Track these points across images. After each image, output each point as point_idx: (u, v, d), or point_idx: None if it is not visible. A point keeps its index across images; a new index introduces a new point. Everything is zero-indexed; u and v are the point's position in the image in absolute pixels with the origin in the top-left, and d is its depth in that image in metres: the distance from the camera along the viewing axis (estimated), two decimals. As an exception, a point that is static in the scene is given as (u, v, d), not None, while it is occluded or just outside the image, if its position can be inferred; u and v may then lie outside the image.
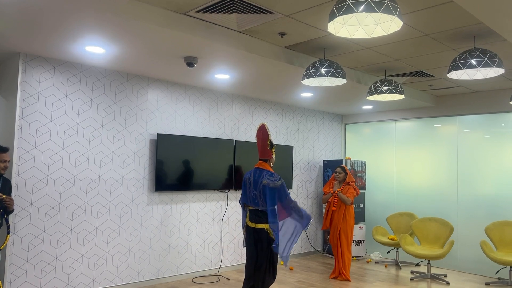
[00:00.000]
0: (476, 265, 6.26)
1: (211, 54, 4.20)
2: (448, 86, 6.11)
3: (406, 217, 6.80)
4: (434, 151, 6.95)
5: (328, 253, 7.39)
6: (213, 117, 6.02)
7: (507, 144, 6.18)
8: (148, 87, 5.31)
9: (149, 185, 5.27)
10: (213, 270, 5.88)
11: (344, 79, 4.25)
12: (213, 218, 5.96)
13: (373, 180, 7.68)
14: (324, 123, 7.83)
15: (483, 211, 6.30)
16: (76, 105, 4.68)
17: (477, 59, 3.72)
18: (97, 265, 4.79)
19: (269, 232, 4.53)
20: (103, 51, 4.18)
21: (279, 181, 4.53)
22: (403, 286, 5.51)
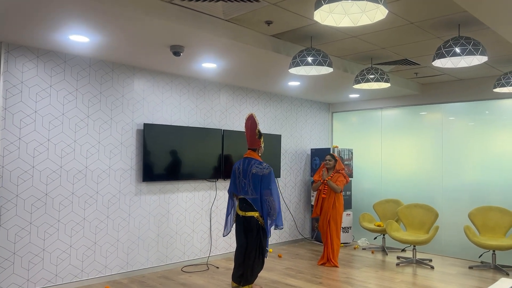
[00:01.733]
0: (460, 249, 6.41)
1: (198, 42, 4.17)
2: (433, 74, 6.17)
3: (392, 204, 6.91)
4: (420, 138, 7.05)
5: (316, 240, 7.48)
6: (201, 106, 6.00)
7: (491, 131, 6.30)
8: (134, 76, 5.26)
9: (137, 176, 5.25)
10: (203, 259, 5.92)
11: (331, 68, 4.26)
12: (202, 207, 5.98)
13: (360, 168, 7.76)
14: (311, 111, 7.86)
15: (467, 197, 6.43)
16: (61, 95, 4.62)
17: (461, 47, 3.76)
18: (85, 255, 4.78)
19: (259, 219, 4.57)
20: (87, 40, 4.12)
21: (267, 169, 4.58)
22: (390, 271, 5.62)
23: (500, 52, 4.93)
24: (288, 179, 7.35)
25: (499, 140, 6.20)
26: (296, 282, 4.98)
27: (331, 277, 5.24)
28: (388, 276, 5.34)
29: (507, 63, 5.44)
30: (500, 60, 5.29)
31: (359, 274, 5.41)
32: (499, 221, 5.80)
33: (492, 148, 6.26)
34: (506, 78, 5.08)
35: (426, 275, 5.43)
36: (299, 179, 7.58)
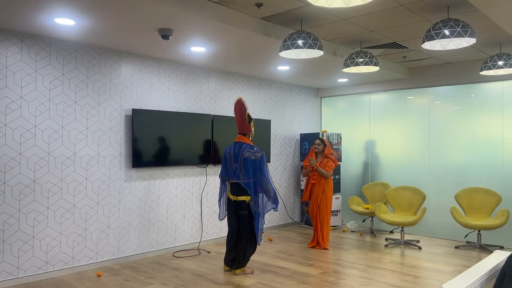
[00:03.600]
0: (446, 230, 6.56)
1: (187, 25, 4.11)
2: (422, 57, 6.21)
3: (380, 187, 7.00)
4: (407, 122, 7.12)
5: (305, 224, 7.56)
6: (190, 91, 5.94)
7: (476, 115, 6.40)
8: (121, 61, 5.17)
9: (126, 162, 5.21)
10: (194, 244, 5.94)
11: (321, 51, 4.25)
12: (192, 193, 5.97)
13: (349, 152, 7.83)
14: (300, 96, 7.86)
15: (453, 179, 6.55)
16: (47, 80, 4.52)
17: (450, 29, 3.79)
18: (76, 242, 4.75)
19: (250, 204, 4.60)
20: (73, 23, 4.02)
21: (259, 153, 4.59)
22: (378, 252, 5.72)
23: (487, 35, 4.98)
24: (278, 164, 7.37)
25: (484, 123, 6.31)
26: (288, 265, 5.04)
27: (322, 259, 5.32)
28: (377, 257, 5.44)
29: (493, 46, 5.51)
30: (487, 43, 5.35)
31: (348, 256, 5.50)
32: (484, 202, 5.94)
33: (477, 131, 6.37)
34: (493, 61, 5.14)
35: (414, 255, 5.55)
36: (288, 163, 7.61)
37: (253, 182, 4.57)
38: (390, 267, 4.98)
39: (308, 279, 4.51)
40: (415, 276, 4.66)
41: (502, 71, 5.21)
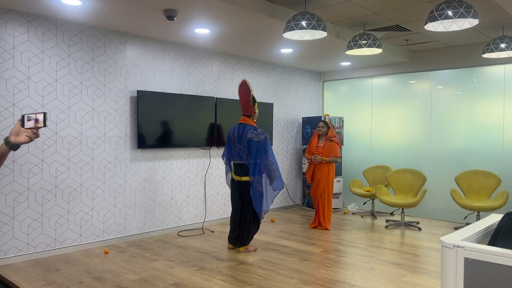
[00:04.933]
0: (446, 212, 6.66)
1: (191, 6, 4.15)
2: (424, 41, 6.24)
3: (381, 170, 7.09)
4: (409, 107, 7.17)
5: (307, 206, 7.67)
6: (193, 74, 5.99)
7: (477, 99, 6.44)
8: (126, 42, 5.21)
9: (132, 142, 5.29)
10: (198, 224, 6.05)
11: (325, 32, 4.29)
12: (196, 174, 6.07)
13: (350, 135, 7.90)
14: (302, 80, 7.90)
15: (454, 162, 6.63)
16: (54, 61, 4.58)
17: (453, 10, 3.82)
18: (83, 221, 4.86)
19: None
20: (80, 3, 4.06)
21: (263, 134, 4.66)
22: (379, 233, 5.83)
23: (490, 17, 5.00)
24: (280, 147, 7.45)
25: (485, 107, 6.36)
26: (290, 244, 5.16)
27: (323, 239, 5.43)
28: (378, 237, 5.55)
29: (496, 29, 5.53)
30: (489, 25, 5.37)
31: (349, 236, 5.61)
32: (484, 184, 6.02)
33: (479, 115, 6.43)
34: (495, 44, 5.17)
35: (413, 236, 5.66)
36: (290, 147, 7.69)
37: (257, 163, 4.65)
38: (390, 246, 5.09)
39: (309, 256, 4.62)
40: (415, 254, 4.77)
41: (504, 53, 5.24)
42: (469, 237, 1.52)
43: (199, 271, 4.11)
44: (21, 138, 1.74)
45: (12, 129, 1.77)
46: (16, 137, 1.74)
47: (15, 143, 1.75)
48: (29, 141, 1.75)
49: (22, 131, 1.74)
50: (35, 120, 1.73)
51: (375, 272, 4.12)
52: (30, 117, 1.73)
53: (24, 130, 1.74)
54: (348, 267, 4.29)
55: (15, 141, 1.75)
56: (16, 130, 1.75)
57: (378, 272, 4.14)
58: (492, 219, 1.89)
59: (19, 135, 1.74)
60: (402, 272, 4.14)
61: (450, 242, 1.51)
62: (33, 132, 1.73)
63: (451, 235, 1.60)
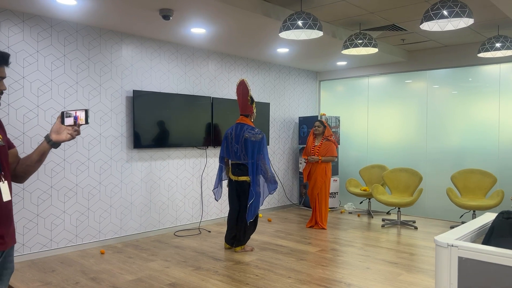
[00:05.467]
0: (442, 211, 6.68)
1: (187, 5, 4.14)
2: (420, 40, 6.25)
3: (377, 169, 7.10)
4: (405, 106, 7.19)
5: (304, 205, 7.67)
6: (189, 73, 5.98)
7: (473, 99, 6.47)
8: (122, 42, 5.20)
9: (128, 142, 5.28)
10: (195, 224, 6.05)
11: (321, 32, 4.29)
12: (193, 174, 6.06)
13: (347, 135, 7.91)
14: (299, 80, 7.91)
15: (450, 161, 6.65)
16: (49, 61, 4.56)
17: (449, 9, 3.83)
18: (79, 221, 4.84)
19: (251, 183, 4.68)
20: (75, 3, 4.04)
21: (259, 134, 4.65)
22: (375, 232, 5.85)
23: (485, 16, 5.02)
24: (276, 147, 7.46)
25: (481, 106, 6.38)
26: (287, 243, 5.16)
27: (320, 238, 5.44)
28: (374, 236, 5.56)
29: (491, 28, 5.55)
30: (485, 25, 5.39)
31: (346, 235, 5.62)
32: (480, 183, 6.05)
33: (474, 114, 6.45)
34: (490, 43, 5.19)
35: (410, 235, 5.67)
36: (287, 146, 7.69)
37: (253, 163, 4.65)
38: (386, 245, 5.10)
39: (306, 256, 4.63)
40: (411, 253, 4.78)
41: (499, 53, 5.26)
42: (463, 236, 1.52)
43: (195, 271, 4.10)
44: (62, 136, 1.74)
45: (52, 127, 1.76)
46: (57, 135, 1.74)
47: (57, 141, 1.75)
48: (71, 139, 1.76)
49: (63, 129, 1.74)
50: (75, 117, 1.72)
51: (371, 271, 4.13)
52: (70, 114, 1.72)
53: (65, 128, 1.74)
54: (344, 266, 4.29)
55: (56, 139, 1.74)
56: (56, 127, 1.75)
57: (374, 271, 4.14)
58: (486, 218, 1.90)
59: (60, 133, 1.74)
60: (398, 271, 4.15)
61: (444, 241, 1.52)
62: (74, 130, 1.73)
63: (445, 234, 1.61)
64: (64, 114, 1.73)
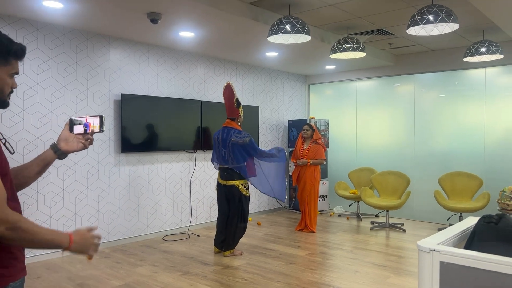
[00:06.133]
0: (430, 214, 6.74)
1: (175, 9, 4.13)
2: (407, 44, 6.32)
3: (366, 172, 7.15)
4: (393, 109, 7.25)
5: (293, 209, 7.69)
6: (178, 77, 5.97)
7: (459, 102, 6.55)
8: (109, 45, 5.16)
9: (115, 146, 5.24)
10: (183, 228, 6.01)
11: (309, 36, 4.31)
12: (182, 178, 6.03)
13: (336, 138, 7.95)
14: (288, 83, 7.93)
15: (437, 164, 6.72)
16: (35, 64, 4.51)
17: (434, 14, 3.88)
18: (65, 226, 4.79)
19: (240, 188, 4.68)
20: (61, 6, 4.01)
21: (247, 137, 4.65)
22: (364, 234, 5.87)
23: (470, 21, 5.09)
24: (266, 150, 7.46)
25: (467, 110, 6.47)
26: (276, 247, 5.16)
27: (309, 241, 5.45)
28: (363, 239, 5.59)
29: (477, 33, 5.63)
30: (470, 30, 5.47)
31: (335, 238, 5.64)
32: (467, 185, 6.12)
33: (461, 117, 6.53)
34: (476, 48, 5.27)
35: (398, 238, 5.71)
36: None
37: (244, 166, 4.65)
38: (375, 248, 5.13)
39: (295, 259, 4.63)
40: (399, 256, 4.81)
41: (484, 57, 5.34)
42: (446, 240, 1.54)
43: (184, 276, 4.08)
44: (73, 146, 1.53)
45: (60, 135, 1.56)
46: (66, 144, 1.53)
47: (66, 151, 1.54)
48: (83, 149, 1.56)
49: (72, 137, 1.55)
50: (85, 124, 1.54)
51: (359, 275, 4.14)
52: (80, 121, 1.55)
53: (74, 136, 1.55)
54: (333, 269, 4.30)
55: (66, 149, 1.53)
56: (64, 136, 1.54)
57: (362, 274, 4.16)
58: (469, 222, 1.92)
59: (69, 142, 1.54)
60: (386, 274, 4.17)
61: (426, 246, 1.53)
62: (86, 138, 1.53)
63: (427, 239, 1.62)
64: (73, 122, 1.56)
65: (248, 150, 4.63)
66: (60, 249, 1.33)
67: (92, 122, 1.54)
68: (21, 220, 1.22)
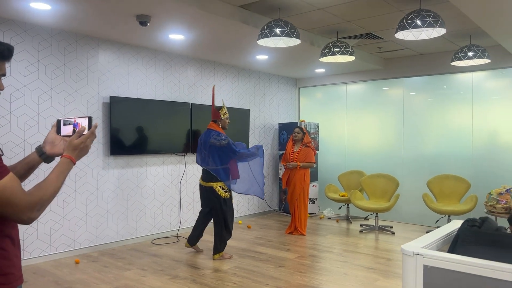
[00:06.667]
0: (418, 216, 6.79)
1: (165, 12, 4.12)
2: (396, 48, 6.37)
3: (356, 175, 7.18)
4: (382, 113, 7.31)
5: (284, 211, 7.69)
6: (168, 79, 5.95)
7: (447, 105, 6.62)
8: (98, 47, 5.13)
9: (104, 149, 5.19)
10: (173, 232, 5.98)
11: (298, 40, 4.33)
12: (171, 181, 6.00)
13: (326, 141, 7.98)
14: (279, 86, 7.95)
15: (425, 167, 6.78)
16: (22, 66, 4.46)
17: (422, 19, 3.92)
18: (53, 230, 4.73)
19: (217, 190, 4.69)
20: (49, 7, 3.97)
21: (225, 140, 4.66)
22: (353, 237, 5.90)
23: (458, 26, 5.15)
24: (256, 153, 7.45)
25: (455, 114, 6.54)
26: (266, 250, 5.15)
27: (299, 244, 5.45)
28: (352, 242, 5.61)
29: (464, 38, 5.70)
30: (457, 34, 5.54)
31: (324, 241, 5.65)
32: (455, 188, 6.17)
33: (449, 121, 6.60)
34: (463, 52, 5.33)
35: (387, 240, 5.74)
36: (267, 153, 7.70)
37: (220, 169, 4.65)
38: (364, 251, 5.15)
39: (285, 262, 4.63)
40: (388, 258, 4.84)
41: (471, 62, 5.41)
42: (430, 244, 1.55)
43: (172, 279, 4.05)
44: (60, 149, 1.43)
45: (46, 137, 1.47)
46: (53, 148, 1.43)
47: (52, 154, 1.44)
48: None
49: (59, 140, 1.45)
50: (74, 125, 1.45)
51: (348, 277, 4.15)
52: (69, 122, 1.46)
53: (61, 139, 1.46)
54: (322, 272, 4.31)
55: (51, 152, 1.43)
56: (51, 138, 1.45)
57: (351, 277, 4.17)
58: (453, 225, 1.94)
59: (56, 145, 1.44)
60: (375, 276, 4.19)
61: (410, 250, 1.54)
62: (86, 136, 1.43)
63: (411, 243, 1.63)
64: (62, 122, 1.47)
65: (228, 152, 4.64)
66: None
67: (81, 123, 1.46)
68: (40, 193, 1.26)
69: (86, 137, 1.42)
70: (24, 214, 1.24)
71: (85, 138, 1.42)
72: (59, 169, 1.34)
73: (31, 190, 1.28)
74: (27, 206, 1.23)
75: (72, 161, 1.38)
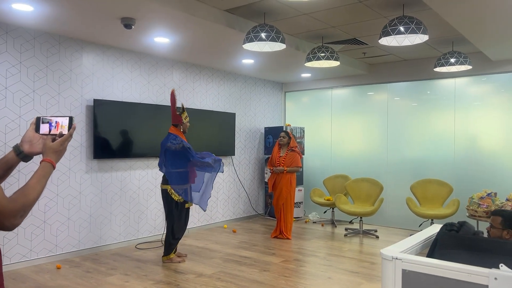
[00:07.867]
0: (402, 220, 6.86)
1: (149, 15, 4.10)
2: (380, 54, 6.45)
3: (341, 179, 7.23)
4: (367, 118, 7.38)
5: (269, 215, 7.69)
6: (153, 83, 5.91)
7: (431, 111, 6.73)
8: (82, 50, 5.07)
9: (87, 153, 5.13)
10: (157, 236, 5.92)
11: (284, 44, 4.35)
12: (155, 185, 5.95)
13: (311, 145, 8.02)
14: (265, 91, 7.97)
15: (409, 171, 6.86)
16: (3, 68, 4.38)
17: (405, 26, 3.98)
18: (34, 235, 4.64)
19: (171, 193, 4.69)
20: (32, 9, 3.92)
21: (180, 144, 4.65)
22: (338, 241, 5.92)
23: (440, 33, 5.24)
24: (242, 157, 7.45)
25: (438, 119, 6.64)
26: (250, 254, 5.14)
27: (284, 248, 5.45)
28: (337, 246, 5.64)
29: (446, 44, 5.80)
30: (440, 41, 5.63)
31: (310, 245, 5.66)
32: (437, 192, 6.26)
33: (432, 126, 6.70)
34: (445, 58, 5.43)
35: (371, 244, 5.79)
36: (253, 157, 7.71)
37: (172, 173, 4.63)
38: (348, 255, 5.18)
39: (269, 267, 4.62)
40: (372, 262, 4.87)
41: (454, 68, 5.51)
42: (409, 248, 1.57)
43: (156, 285, 4.01)
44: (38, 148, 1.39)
45: (24, 136, 1.42)
46: (31, 146, 1.39)
47: (30, 153, 1.40)
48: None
49: (37, 138, 1.41)
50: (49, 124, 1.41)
51: (332, 281, 4.17)
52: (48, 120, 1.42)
53: (40, 137, 1.42)
54: (307, 276, 4.32)
55: (29, 151, 1.39)
56: (29, 136, 1.40)
57: (335, 281, 4.19)
58: (432, 230, 1.96)
59: (34, 143, 1.40)
60: (359, 280, 4.21)
61: (389, 254, 1.56)
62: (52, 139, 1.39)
63: (390, 247, 1.65)
64: (40, 120, 1.42)
65: (182, 157, 4.64)
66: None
67: (61, 122, 1.42)
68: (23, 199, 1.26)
69: (65, 139, 1.40)
70: (8, 221, 1.23)
71: (64, 140, 1.40)
72: (40, 173, 1.33)
73: (13, 197, 1.26)
74: (10, 213, 1.22)
75: (53, 165, 1.37)
